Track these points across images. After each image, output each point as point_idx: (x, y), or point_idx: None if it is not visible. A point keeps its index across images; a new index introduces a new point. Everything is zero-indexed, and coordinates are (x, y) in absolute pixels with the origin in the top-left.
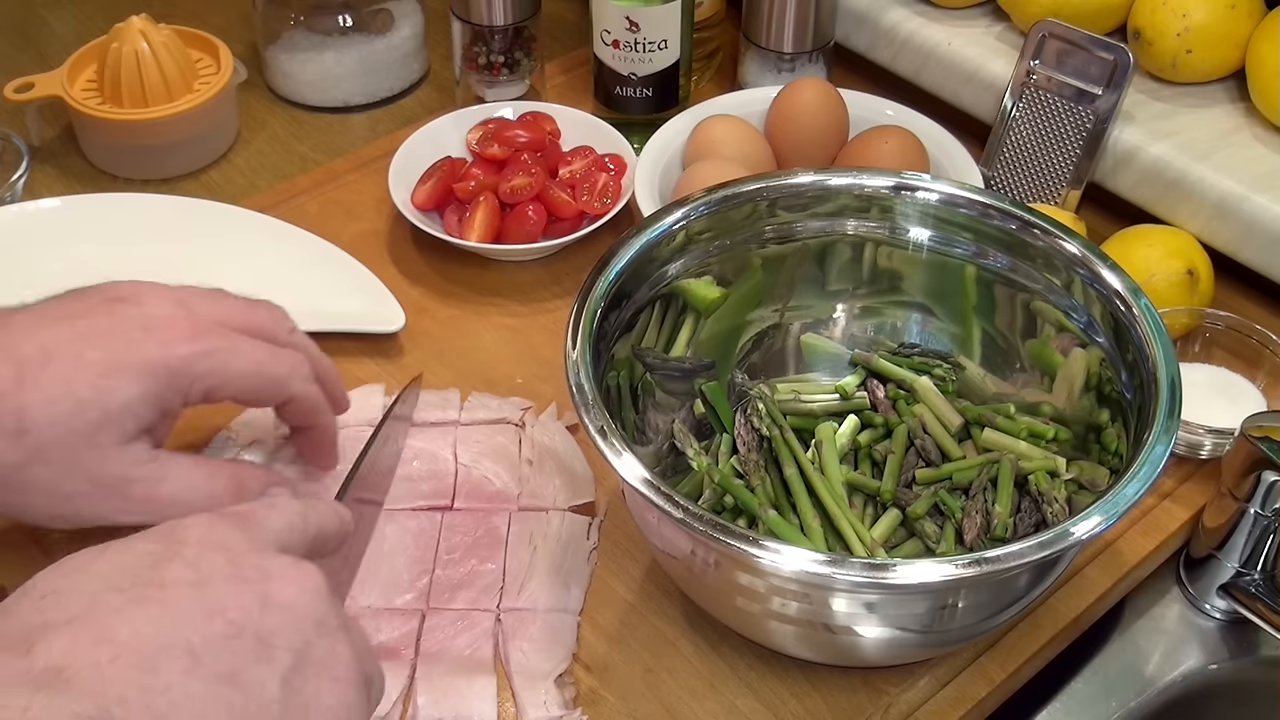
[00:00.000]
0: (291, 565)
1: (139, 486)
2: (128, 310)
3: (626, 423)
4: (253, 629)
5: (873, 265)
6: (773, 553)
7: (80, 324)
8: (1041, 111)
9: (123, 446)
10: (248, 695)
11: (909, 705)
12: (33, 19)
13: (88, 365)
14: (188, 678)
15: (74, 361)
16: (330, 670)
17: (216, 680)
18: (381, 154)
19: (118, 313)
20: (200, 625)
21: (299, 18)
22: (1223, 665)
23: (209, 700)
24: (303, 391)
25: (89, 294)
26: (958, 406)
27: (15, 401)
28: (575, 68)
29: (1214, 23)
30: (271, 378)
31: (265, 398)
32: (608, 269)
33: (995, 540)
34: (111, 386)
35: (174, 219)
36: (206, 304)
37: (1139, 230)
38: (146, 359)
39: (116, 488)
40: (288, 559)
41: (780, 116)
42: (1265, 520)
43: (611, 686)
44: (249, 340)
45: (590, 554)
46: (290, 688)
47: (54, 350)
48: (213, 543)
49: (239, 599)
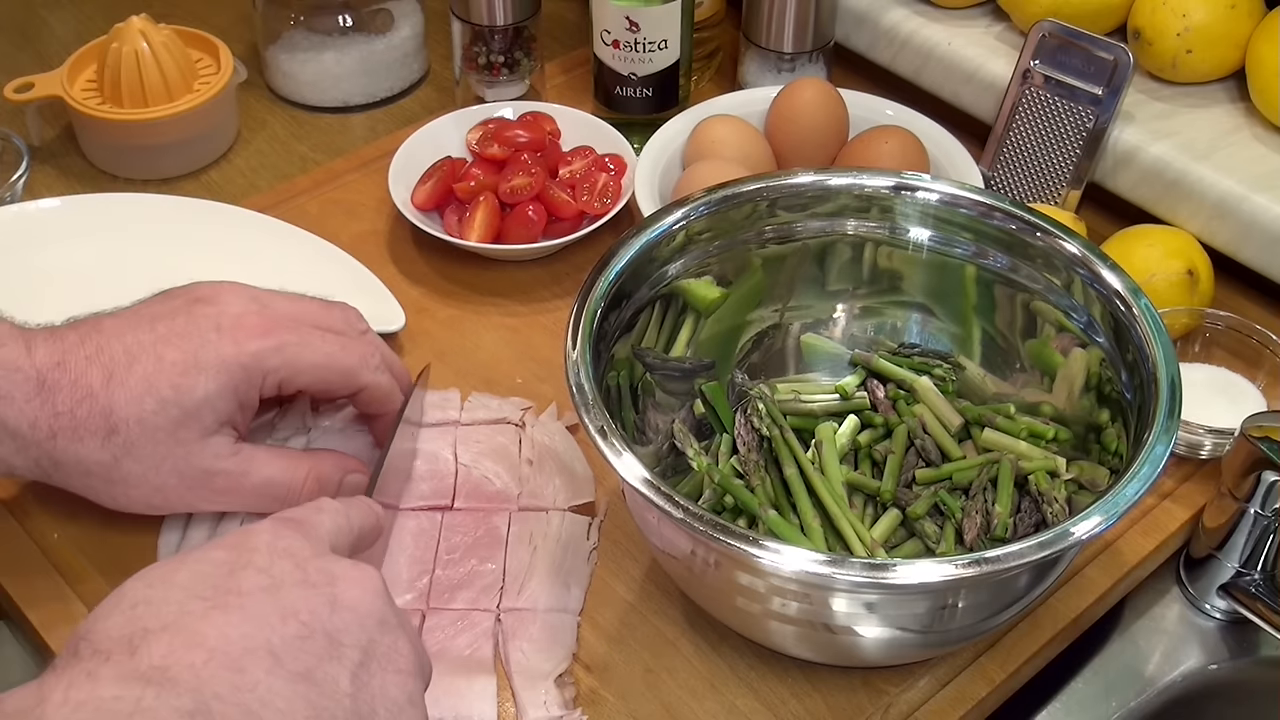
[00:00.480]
0: (353, 568)
1: (222, 479)
2: (205, 310)
3: (626, 423)
4: (323, 629)
5: (873, 265)
6: (773, 553)
7: (161, 326)
8: (1041, 111)
9: (204, 440)
10: (323, 690)
11: (909, 705)
12: (33, 19)
13: (168, 366)
14: (271, 676)
15: (155, 363)
16: (393, 663)
17: (295, 678)
18: (381, 154)
19: (196, 313)
20: (277, 627)
21: (299, 18)
22: (1223, 665)
23: (290, 696)
24: (373, 381)
25: (173, 296)
26: (958, 406)
27: (104, 401)
28: (575, 68)
29: (1214, 23)
30: (342, 369)
31: (337, 389)
32: (608, 269)
33: (995, 540)
34: (189, 385)
35: (174, 219)
36: (281, 302)
37: (1139, 230)
38: (221, 356)
39: (201, 480)
40: (348, 562)
41: (780, 116)
42: (1265, 520)
43: (611, 686)
44: (320, 334)
45: (590, 554)
46: (359, 681)
47: (138, 352)
48: (280, 549)
49: (309, 602)
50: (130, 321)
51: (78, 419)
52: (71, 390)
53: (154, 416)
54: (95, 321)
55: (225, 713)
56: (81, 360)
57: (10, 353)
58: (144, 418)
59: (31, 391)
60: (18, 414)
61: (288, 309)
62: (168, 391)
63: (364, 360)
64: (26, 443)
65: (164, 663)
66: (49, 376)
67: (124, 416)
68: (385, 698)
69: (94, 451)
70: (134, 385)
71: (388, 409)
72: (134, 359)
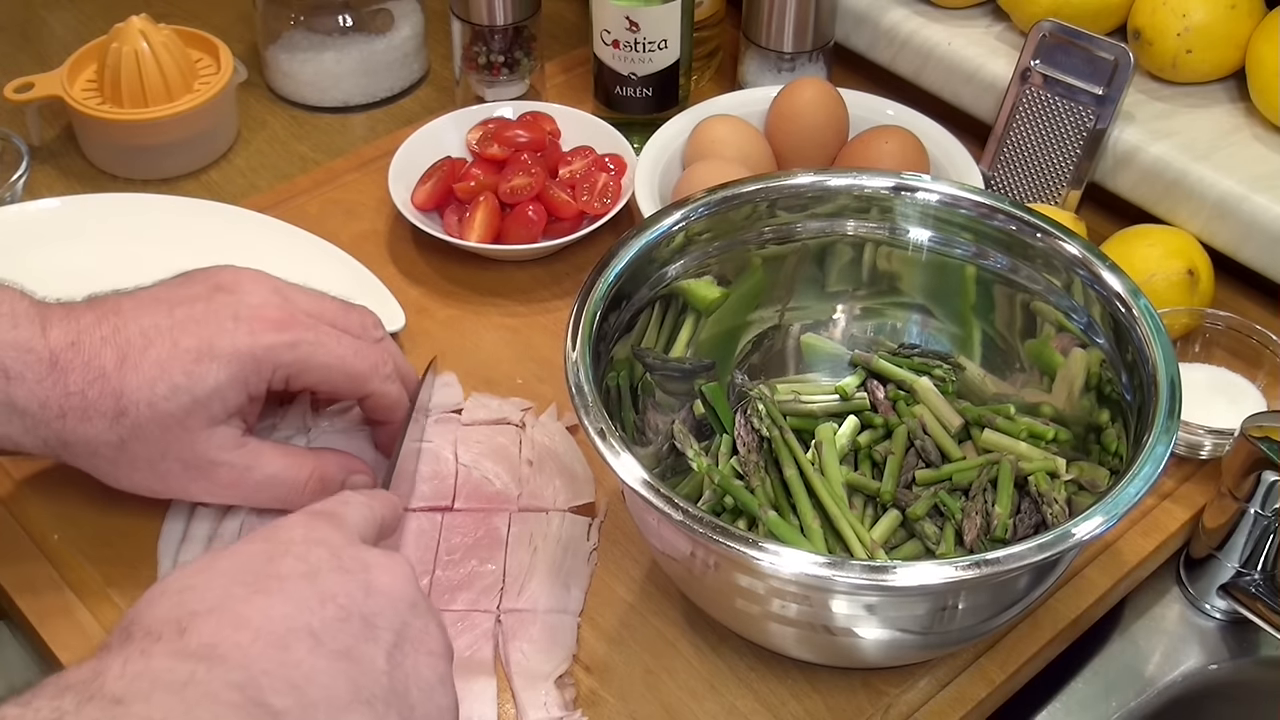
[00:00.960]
0: (384, 556)
1: (225, 470)
2: (224, 298)
3: (626, 423)
4: (359, 612)
5: (872, 266)
6: (772, 555)
7: (180, 311)
8: (1041, 111)
9: (210, 430)
10: (361, 669)
11: (909, 706)
12: (33, 19)
13: (182, 351)
14: (313, 655)
15: (171, 348)
16: (425, 645)
17: (336, 656)
18: (381, 154)
19: (215, 300)
20: (317, 610)
21: (299, 18)
22: (1223, 665)
23: (333, 673)
24: (382, 390)
25: (194, 280)
26: (958, 407)
27: (116, 383)
28: (575, 67)
29: (1214, 23)
30: (352, 373)
31: (344, 392)
32: (608, 269)
33: (995, 541)
34: (202, 372)
35: (174, 219)
36: (302, 297)
37: (1139, 230)
38: (235, 346)
39: (204, 470)
40: (379, 551)
41: (780, 116)
42: (1265, 520)
43: (611, 687)
44: (335, 334)
45: (590, 555)
46: (394, 661)
47: (154, 336)
48: (314, 539)
49: (345, 587)
50: (149, 304)
51: (88, 400)
52: (84, 371)
53: (164, 402)
54: (114, 301)
55: (273, 686)
56: (96, 340)
57: (24, 333)
58: (154, 402)
59: (44, 372)
60: (28, 394)
61: (307, 304)
62: (180, 378)
63: (375, 368)
64: (36, 422)
65: (212, 640)
66: (62, 357)
67: (134, 399)
68: (418, 677)
69: (102, 432)
70: (147, 369)
71: (393, 418)
72: (149, 342)
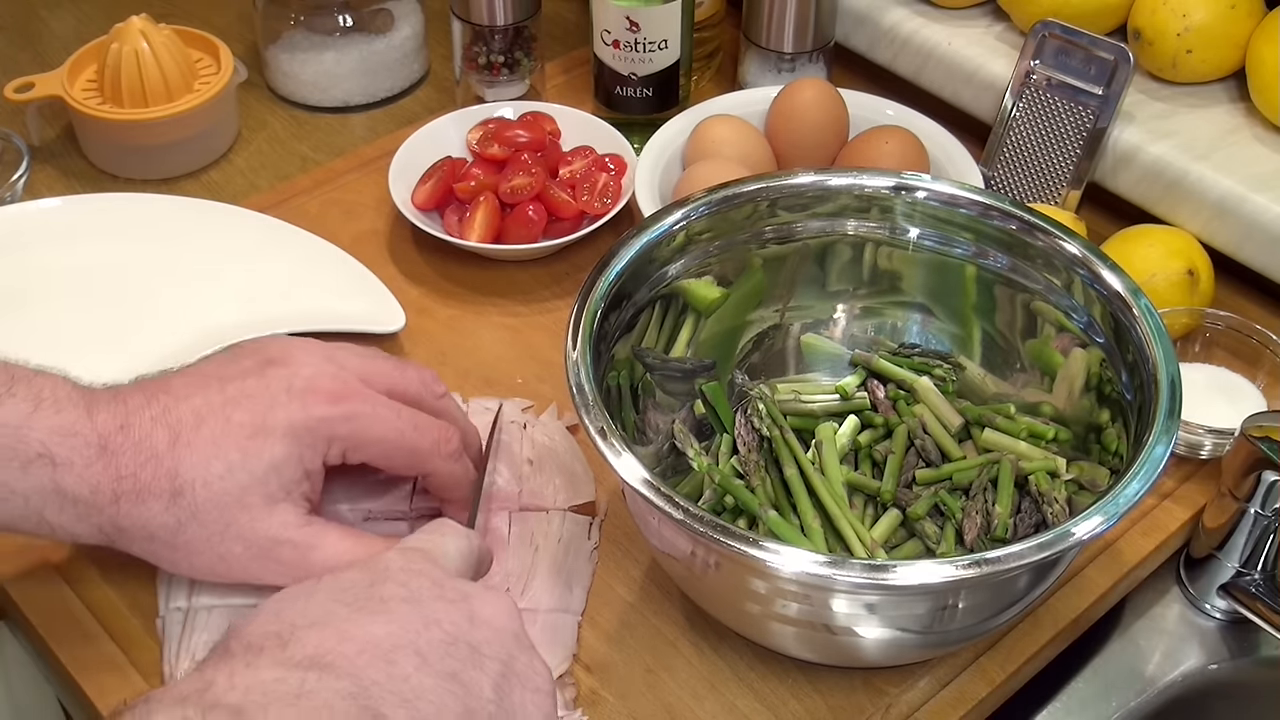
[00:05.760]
0: (485, 590)
1: (288, 550)
2: (277, 371)
3: (627, 423)
4: (465, 639)
5: (873, 265)
6: (773, 554)
7: (231, 388)
8: (1041, 111)
9: (271, 507)
10: (469, 693)
11: (909, 705)
12: (33, 19)
13: (235, 427)
14: (420, 673)
15: (224, 425)
16: (531, 682)
17: (444, 676)
18: (381, 154)
19: (267, 374)
20: (421, 632)
21: (299, 18)
22: (1223, 665)
23: (441, 693)
24: (445, 469)
25: (243, 354)
26: (958, 407)
27: (170, 464)
28: (575, 68)
29: (1214, 23)
30: (411, 449)
31: (402, 467)
32: (608, 269)
33: (995, 541)
34: (257, 448)
35: (174, 219)
36: (354, 361)
37: (1139, 230)
38: (290, 420)
39: (267, 550)
40: (478, 585)
41: (780, 116)
42: (1265, 520)
43: (611, 687)
44: (393, 406)
45: (591, 554)
46: (501, 691)
47: (205, 413)
48: (413, 570)
49: (449, 614)
50: (199, 382)
51: (141, 481)
52: (135, 452)
53: (220, 480)
54: (163, 381)
55: (383, 698)
56: (146, 421)
57: (69, 417)
58: (210, 481)
59: (93, 456)
60: (77, 480)
61: (360, 368)
62: (235, 455)
63: (437, 445)
64: (88, 509)
65: (316, 652)
66: (111, 440)
67: (190, 479)
68: (524, 713)
69: (158, 514)
70: (201, 447)
71: (454, 496)
72: (202, 420)
